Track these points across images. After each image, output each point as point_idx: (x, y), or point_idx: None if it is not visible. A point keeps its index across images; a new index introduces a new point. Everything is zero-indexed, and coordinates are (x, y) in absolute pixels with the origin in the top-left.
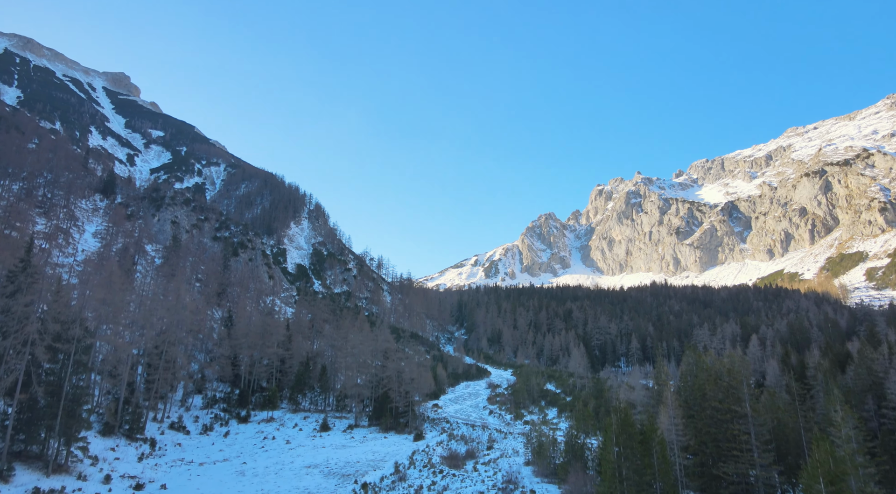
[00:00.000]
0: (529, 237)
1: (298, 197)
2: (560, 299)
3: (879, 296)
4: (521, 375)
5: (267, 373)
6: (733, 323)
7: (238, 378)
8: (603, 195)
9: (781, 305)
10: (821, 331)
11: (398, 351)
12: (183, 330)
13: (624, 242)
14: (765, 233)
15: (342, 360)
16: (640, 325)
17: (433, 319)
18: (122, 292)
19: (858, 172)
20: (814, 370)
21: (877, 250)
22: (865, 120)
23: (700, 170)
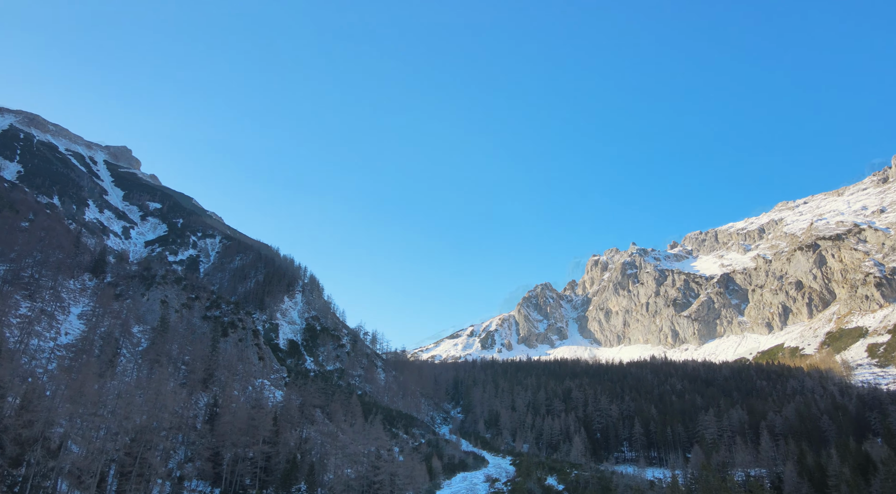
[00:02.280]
0: (526, 308)
1: (293, 270)
2: (559, 376)
3: (883, 374)
4: (520, 466)
5: (251, 470)
6: (739, 408)
7: (219, 477)
8: (598, 266)
9: (786, 385)
10: (831, 419)
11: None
12: (163, 428)
13: (621, 313)
14: (762, 306)
15: (332, 452)
16: (642, 406)
17: (428, 397)
18: (95, 392)
19: (851, 247)
20: (835, 479)
21: (876, 325)
22: (854, 196)
23: (694, 241)
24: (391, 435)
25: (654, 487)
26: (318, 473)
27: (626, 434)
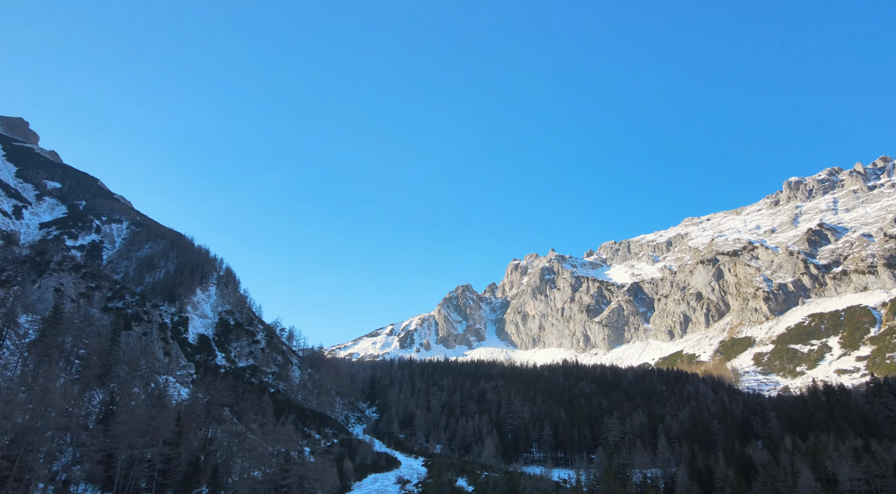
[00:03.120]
0: (446, 308)
1: (208, 261)
2: (475, 377)
3: (766, 381)
4: (432, 468)
5: (148, 473)
6: (641, 412)
7: (111, 481)
8: (518, 270)
9: (683, 390)
10: (720, 423)
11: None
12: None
13: (538, 317)
14: (666, 315)
15: (240, 453)
16: (552, 409)
17: (344, 396)
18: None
19: (745, 263)
20: (721, 481)
21: (762, 336)
22: (750, 216)
23: (609, 251)
24: (303, 435)
25: (559, 488)
26: (223, 475)
27: (536, 436)
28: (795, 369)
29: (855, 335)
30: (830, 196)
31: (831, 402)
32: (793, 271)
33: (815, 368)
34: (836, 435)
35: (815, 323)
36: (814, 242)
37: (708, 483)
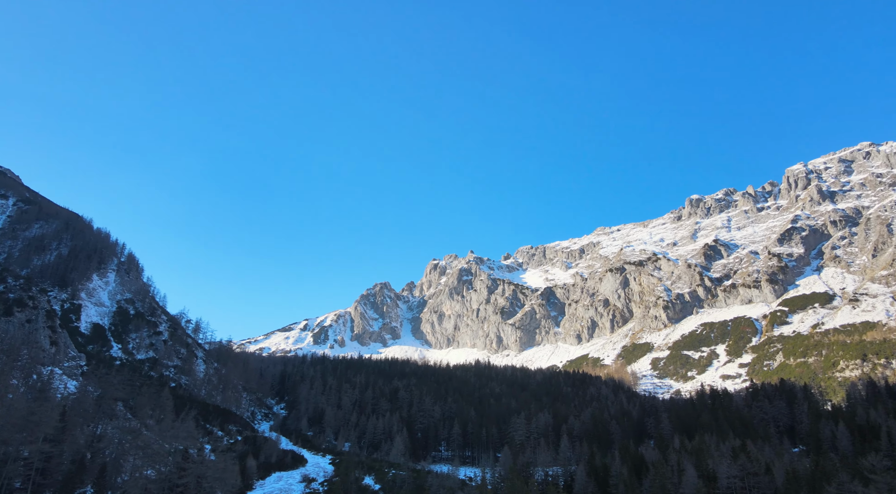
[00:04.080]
0: (363, 305)
1: (108, 245)
2: (388, 375)
3: (661, 384)
4: (339, 466)
5: (24, 472)
6: (547, 412)
7: None
8: (437, 270)
9: (586, 391)
10: (618, 424)
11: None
12: None
13: (453, 317)
14: (575, 319)
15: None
16: (462, 408)
17: (252, 391)
18: None
19: (649, 273)
20: (616, 479)
21: (660, 342)
22: (655, 229)
23: (525, 255)
24: (205, 432)
25: (465, 486)
26: (111, 475)
27: (446, 435)
28: (687, 374)
29: (739, 344)
30: (725, 215)
31: (716, 405)
32: (690, 282)
33: (704, 373)
34: (719, 436)
35: (706, 332)
36: (709, 256)
37: (604, 481)
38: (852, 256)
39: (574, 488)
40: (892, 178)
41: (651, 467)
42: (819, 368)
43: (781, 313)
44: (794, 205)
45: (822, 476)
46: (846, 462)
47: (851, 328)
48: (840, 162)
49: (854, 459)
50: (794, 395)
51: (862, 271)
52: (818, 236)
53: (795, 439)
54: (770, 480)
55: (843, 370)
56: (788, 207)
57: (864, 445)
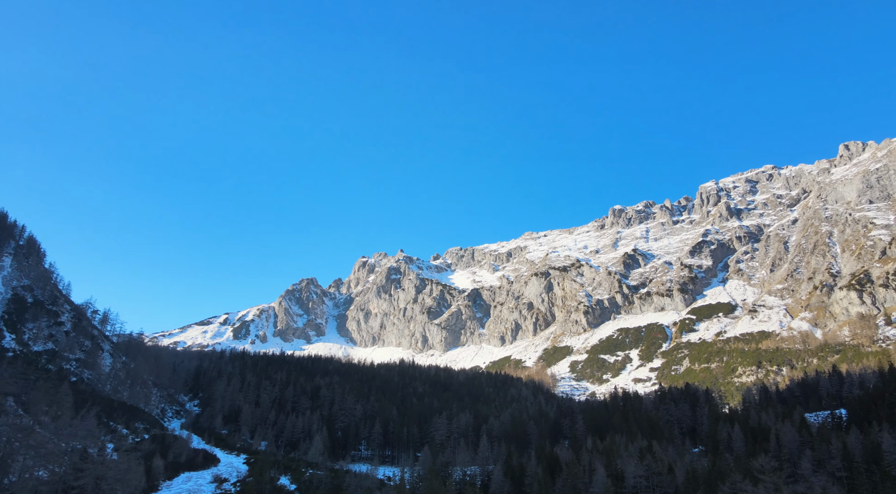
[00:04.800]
0: (288, 301)
1: (4, 226)
2: (310, 372)
3: (578, 386)
4: (254, 465)
5: None
6: (468, 413)
7: None
8: (366, 268)
9: (507, 392)
10: (536, 425)
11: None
12: None
13: (380, 315)
14: (500, 321)
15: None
16: (385, 407)
17: (163, 387)
18: None
19: (572, 279)
20: (531, 479)
21: (579, 346)
22: (580, 236)
23: (454, 256)
24: (108, 430)
25: (383, 486)
26: None
27: (367, 434)
28: (602, 377)
29: (650, 349)
30: (645, 226)
31: (627, 407)
32: (609, 289)
33: (618, 376)
34: (628, 437)
35: (622, 337)
36: (628, 264)
37: (520, 480)
38: (753, 270)
39: (491, 487)
40: (790, 199)
41: (565, 467)
42: (720, 373)
43: (690, 321)
44: (706, 220)
45: (717, 476)
46: (739, 462)
47: (749, 337)
48: (747, 182)
49: (746, 459)
50: (697, 398)
51: (761, 284)
52: (725, 250)
53: (696, 440)
54: (672, 479)
55: (741, 375)
56: (700, 221)
57: (756, 446)
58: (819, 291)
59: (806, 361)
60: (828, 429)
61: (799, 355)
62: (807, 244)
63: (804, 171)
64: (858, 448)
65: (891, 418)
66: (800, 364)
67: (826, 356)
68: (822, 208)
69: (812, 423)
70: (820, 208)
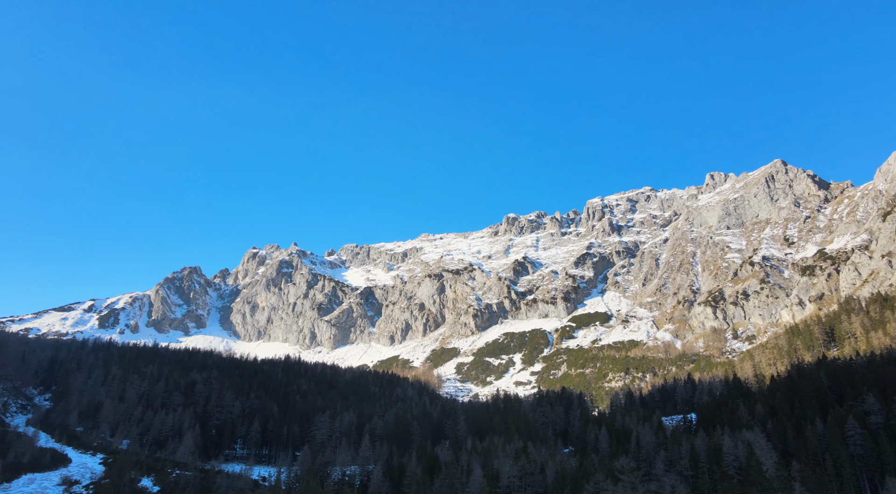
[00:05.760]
0: (166, 289)
1: None
2: (187, 367)
3: (463, 388)
4: (112, 466)
5: None
6: (352, 412)
7: None
8: (256, 259)
9: (393, 392)
10: (419, 425)
11: None
12: None
13: (268, 309)
14: (391, 321)
15: None
16: (266, 404)
17: (7, 379)
18: None
19: (464, 282)
20: (410, 479)
21: (466, 348)
22: (475, 241)
23: (349, 253)
24: None
25: (257, 486)
26: None
27: (244, 432)
28: (486, 379)
29: (533, 354)
30: (535, 235)
31: (507, 409)
32: (499, 294)
33: (501, 379)
34: (506, 438)
35: (507, 341)
36: (518, 271)
37: (399, 480)
38: (629, 283)
39: (369, 487)
40: (663, 220)
41: (444, 467)
42: (593, 378)
43: (570, 328)
44: (591, 233)
45: (583, 476)
46: (604, 462)
47: (620, 345)
48: (628, 201)
49: (610, 459)
50: (571, 402)
51: (634, 296)
52: (605, 263)
53: (568, 441)
54: (543, 479)
55: (611, 381)
56: (586, 234)
57: (619, 447)
58: (681, 305)
59: (666, 369)
60: (680, 432)
61: (661, 363)
62: (674, 262)
63: (676, 195)
64: (703, 450)
65: (731, 422)
66: (661, 372)
67: (683, 366)
68: (688, 230)
69: (668, 426)
70: (687, 230)
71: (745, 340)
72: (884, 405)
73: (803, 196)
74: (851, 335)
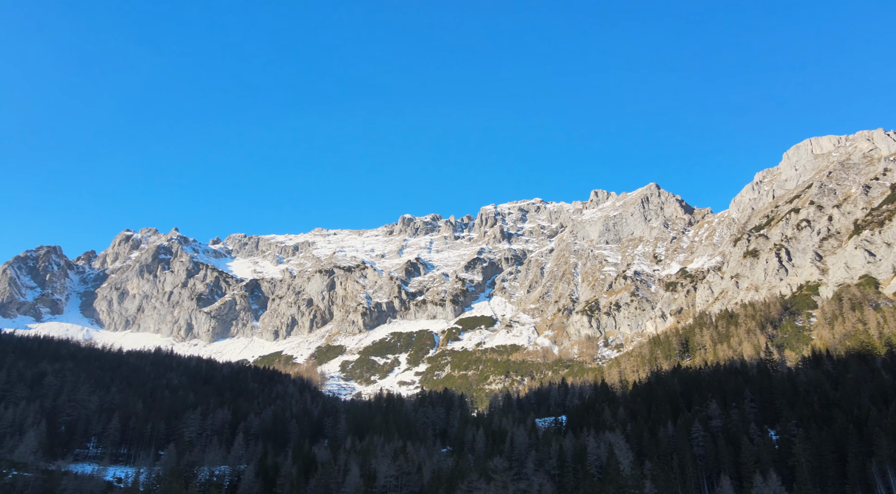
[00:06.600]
0: (16, 269)
1: None
2: (36, 356)
3: (346, 386)
4: None
5: None
6: (227, 408)
7: None
8: (130, 243)
9: (273, 389)
10: (298, 423)
11: None
12: None
13: (139, 297)
14: (276, 315)
15: None
16: (129, 399)
17: None
18: None
19: (355, 280)
20: (284, 479)
21: (353, 346)
22: (369, 239)
23: (237, 243)
24: None
25: (112, 488)
26: None
27: (100, 429)
28: (371, 378)
29: (419, 354)
30: (430, 237)
31: (389, 409)
32: (389, 293)
33: (385, 378)
34: (386, 437)
35: (394, 340)
36: (410, 272)
37: (272, 480)
38: (515, 289)
39: (239, 488)
40: (551, 231)
41: (320, 466)
42: (475, 380)
43: (456, 330)
44: (483, 239)
45: (458, 475)
46: (479, 462)
47: (503, 349)
48: (520, 210)
49: (485, 459)
50: (452, 403)
51: (519, 302)
52: (494, 269)
53: (447, 441)
54: (419, 478)
55: (492, 383)
56: (478, 240)
57: (494, 447)
58: (561, 313)
59: (543, 373)
60: (551, 433)
61: (539, 367)
62: (558, 272)
63: (564, 208)
64: (571, 450)
65: (597, 424)
66: (538, 376)
67: (559, 370)
68: (572, 242)
69: (541, 428)
70: (571, 242)
71: (614, 348)
72: (724, 410)
73: (672, 218)
74: (702, 346)
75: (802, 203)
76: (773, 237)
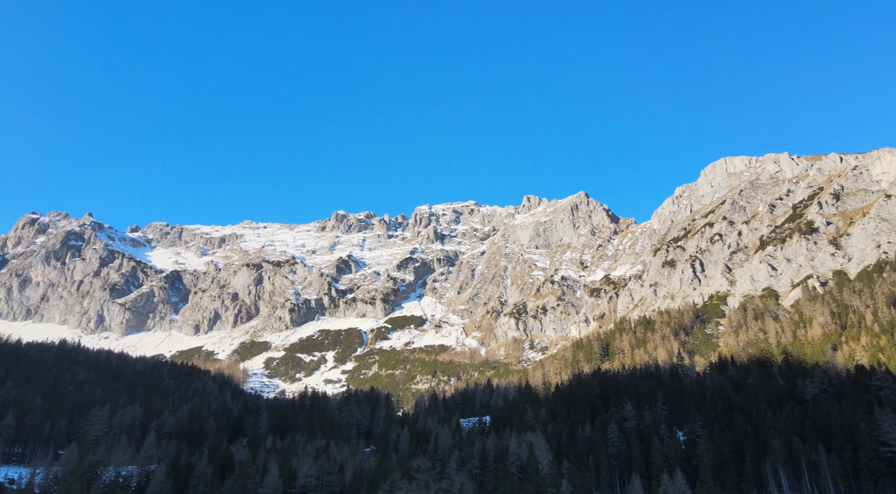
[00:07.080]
0: None
1: None
2: None
3: (269, 383)
4: None
5: None
6: (139, 405)
7: None
8: (35, 226)
9: (191, 385)
10: (216, 421)
11: None
12: None
13: (44, 285)
14: (198, 309)
15: None
16: (26, 395)
17: None
18: None
19: (284, 275)
20: (197, 479)
21: (278, 343)
22: (300, 234)
23: (157, 232)
24: None
25: (3, 490)
26: None
27: None
28: (296, 375)
29: (346, 352)
30: (363, 234)
31: (313, 407)
32: (319, 290)
33: (311, 376)
34: (309, 436)
35: (322, 338)
36: (341, 269)
37: (185, 481)
38: (445, 290)
39: (148, 489)
40: (483, 233)
41: (238, 466)
42: (402, 379)
43: (386, 329)
44: (416, 239)
45: (381, 475)
46: (402, 461)
47: (431, 349)
48: (454, 212)
49: (409, 459)
50: (378, 402)
51: (449, 303)
52: (426, 269)
53: (371, 440)
54: (341, 478)
55: (419, 383)
56: (411, 239)
57: (418, 447)
58: (490, 315)
59: (470, 374)
60: (474, 434)
61: (466, 368)
62: (488, 274)
63: (497, 212)
64: (493, 450)
65: (520, 425)
66: (465, 376)
67: (485, 371)
68: (504, 245)
69: (465, 428)
70: (502, 246)
71: (539, 350)
72: (638, 412)
73: (598, 227)
74: (622, 350)
75: (716, 218)
76: (690, 249)
